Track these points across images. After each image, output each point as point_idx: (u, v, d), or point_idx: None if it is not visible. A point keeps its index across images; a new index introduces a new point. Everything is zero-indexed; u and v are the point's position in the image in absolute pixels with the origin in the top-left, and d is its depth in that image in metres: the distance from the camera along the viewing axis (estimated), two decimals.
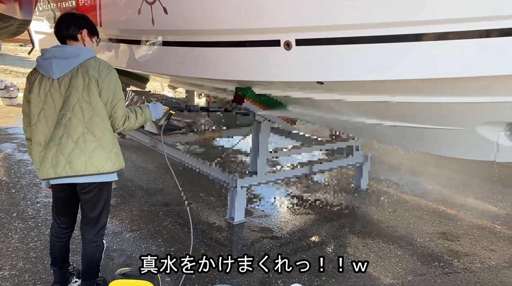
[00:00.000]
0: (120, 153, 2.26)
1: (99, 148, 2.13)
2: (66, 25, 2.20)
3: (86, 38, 2.25)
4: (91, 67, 2.11)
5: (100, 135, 2.12)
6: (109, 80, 2.13)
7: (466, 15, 1.96)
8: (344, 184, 4.75)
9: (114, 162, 2.19)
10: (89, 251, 2.31)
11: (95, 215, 2.27)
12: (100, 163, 2.14)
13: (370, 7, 2.13)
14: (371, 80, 2.44)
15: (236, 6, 2.66)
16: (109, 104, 2.14)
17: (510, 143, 2.48)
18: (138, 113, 2.28)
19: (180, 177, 4.68)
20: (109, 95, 2.13)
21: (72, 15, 2.31)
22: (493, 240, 3.47)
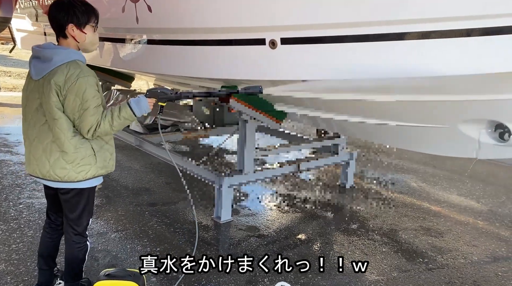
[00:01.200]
0: (93, 161, 2.10)
1: (60, 159, 2.05)
2: (51, 20, 2.08)
3: (76, 32, 2.04)
4: (58, 74, 1.98)
5: (61, 146, 2.03)
6: (76, 88, 1.97)
7: (445, 14, 1.99)
8: (330, 181, 4.79)
9: (78, 172, 2.07)
10: (71, 252, 2.27)
11: (74, 216, 2.21)
12: (61, 172, 2.06)
13: (352, 7, 2.14)
14: (355, 79, 2.46)
15: (221, 4, 2.65)
16: (76, 113, 2.00)
17: (491, 140, 2.52)
18: (115, 116, 2.04)
19: (166, 175, 4.66)
20: (76, 104, 1.98)
21: (57, 4, 2.08)
22: (475, 236, 3.53)
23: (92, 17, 2.10)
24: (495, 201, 4.34)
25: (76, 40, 2.09)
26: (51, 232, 2.38)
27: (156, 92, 2.20)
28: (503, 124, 2.43)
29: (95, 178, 2.15)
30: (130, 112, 2.07)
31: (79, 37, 2.07)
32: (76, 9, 2.05)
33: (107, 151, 2.18)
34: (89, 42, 2.13)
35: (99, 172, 2.14)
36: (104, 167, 2.16)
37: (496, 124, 2.48)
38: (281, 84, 2.88)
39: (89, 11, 2.09)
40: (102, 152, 2.15)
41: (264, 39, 2.55)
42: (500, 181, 4.91)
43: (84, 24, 2.06)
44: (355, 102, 2.83)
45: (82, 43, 2.11)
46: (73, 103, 1.98)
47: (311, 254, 3.14)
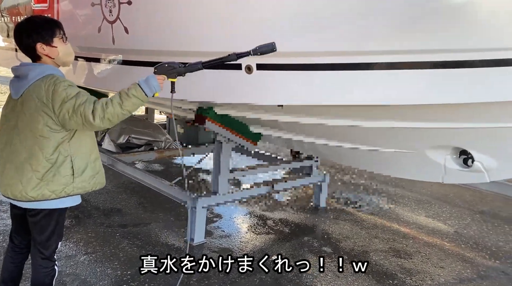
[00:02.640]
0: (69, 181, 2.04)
1: (34, 178, 1.99)
2: (19, 46, 2.07)
3: (46, 49, 2.03)
4: (37, 90, 1.96)
5: (37, 165, 1.98)
6: (60, 95, 1.93)
7: (414, 47, 2.10)
8: (304, 202, 4.84)
9: (53, 190, 2.01)
10: (38, 277, 2.20)
11: (42, 239, 2.14)
12: (34, 192, 2.00)
13: (324, 37, 2.23)
14: (327, 105, 2.55)
15: (198, 29, 2.70)
16: (75, 115, 1.92)
17: (456, 166, 2.64)
18: (123, 95, 1.93)
19: (137, 195, 4.59)
20: (68, 108, 1.92)
21: (21, 27, 2.05)
22: (442, 257, 3.64)
23: (56, 30, 2.08)
24: (461, 222, 4.49)
25: (50, 57, 2.07)
26: (14, 256, 2.29)
27: (164, 67, 2.08)
28: (467, 151, 2.56)
29: (70, 196, 2.08)
30: (141, 91, 1.96)
31: (52, 53, 2.06)
32: (38, 27, 2.04)
33: (91, 170, 2.11)
34: (64, 55, 2.11)
35: (75, 191, 2.07)
36: (82, 187, 2.08)
37: (460, 151, 2.60)
38: (258, 108, 2.94)
39: (51, 25, 2.08)
40: (86, 171, 2.08)
41: (240, 64, 2.61)
42: (465, 203, 5.10)
43: (51, 38, 2.04)
44: (328, 126, 2.91)
45: (57, 58, 2.09)
46: (66, 106, 1.91)
47: (284, 277, 3.15)
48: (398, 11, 2.07)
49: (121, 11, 3.03)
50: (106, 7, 3.16)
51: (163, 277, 3.01)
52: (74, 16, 3.74)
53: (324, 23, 2.22)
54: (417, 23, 2.07)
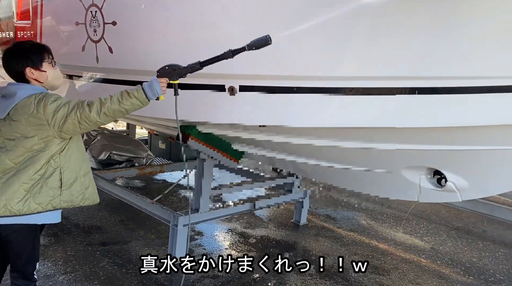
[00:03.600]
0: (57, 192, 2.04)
1: (21, 190, 1.98)
2: (8, 71, 2.09)
3: (36, 73, 2.06)
4: (27, 106, 1.97)
5: (26, 177, 1.98)
6: (50, 109, 1.96)
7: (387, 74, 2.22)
8: (285, 219, 4.88)
9: (39, 202, 2.01)
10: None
11: (20, 263, 2.13)
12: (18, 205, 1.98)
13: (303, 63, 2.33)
14: (308, 126, 2.63)
15: (182, 50, 2.76)
16: (69, 119, 1.94)
17: (430, 185, 2.75)
18: (124, 94, 1.97)
19: (118, 212, 4.55)
20: (61, 115, 1.94)
21: (9, 52, 2.10)
22: (419, 274, 3.73)
23: (45, 54, 2.11)
24: (437, 239, 4.62)
25: (39, 81, 2.09)
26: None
27: (165, 70, 2.12)
28: (440, 171, 2.67)
29: (52, 211, 2.06)
30: (142, 93, 2.01)
31: (41, 77, 2.09)
32: (26, 52, 2.08)
33: (80, 184, 2.11)
34: (52, 78, 2.14)
35: (61, 204, 2.06)
36: (69, 200, 2.08)
37: (434, 171, 2.72)
38: (240, 128, 3.00)
39: (40, 49, 2.11)
40: (74, 184, 2.09)
41: (224, 85, 2.68)
42: (442, 220, 5.24)
43: (40, 63, 2.08)
44: (309, 146, 2.99)
45: (46, 82, 2.12)
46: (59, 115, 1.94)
47: None
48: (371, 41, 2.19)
49: (106, 31, 3.08)
50: (90, 27, 3.20)
51: None
52: (58, 34, 3.76)
53: (302, 49, 2.32)
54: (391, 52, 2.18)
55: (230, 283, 3.33)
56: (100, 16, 3.09)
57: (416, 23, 2.12)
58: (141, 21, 2.89)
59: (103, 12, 3.06)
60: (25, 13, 4.09)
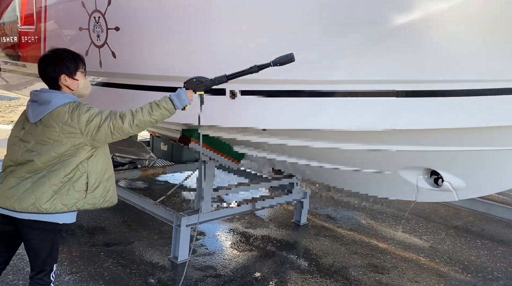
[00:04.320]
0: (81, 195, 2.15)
1: (49, 190, 2.10)
2: (42, 76, 2.19)
3: (68, 81, 2.17)
4: (61, 114, 2.07)
5: (55, 179, 2.09)
6: (84, 119, 2.06)
7: (382, 77, 2.28)
8: (285, 219, 4.95)
9: (65, 203, 2.12)
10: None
11: (37, 263, 2.21)
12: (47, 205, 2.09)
13: (300, 67, 2.40)
14: (307, 129, 2.70)
15: (184, 55, 2.83)
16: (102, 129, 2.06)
17: (427, 185, 2.82)
18: (154, 106, 2.11)
19: (121, 213, 4.62)
20: (95, 125, 2.05)
21: (47, 58, 2.21)
22: (418, 272, 3.80)
23: (80, 64, 2.24)
24: (436, 237, 4.68)
25: (70, 89, 2.20)
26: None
27: (193, 82, 2.27)
28: (436, 172, 2.74)
29: (71, 212, 2.17)
30: (171, 104, 2.15)
31: (72, 85, 2.20)
32: (64, 60, 2.19)
33: (103, 188, 2.22)
34: (82, 88, 2.25)
35: (85, 206, 2.18)
36: (92, 203, 2.20)
37: (431, 171, 2.78)
38: (241, 131, 3.07)
39: (76, 59, 2.23)
40: (98, 188, 2.19)
41: (225, 89, 2.74)
42: (440, 218, 5.30)
43: (75, 71, 2.20)
44: (309, 148, 3.06)
45: (76, 90, 2.23)
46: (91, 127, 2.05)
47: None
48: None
49: (109, 37, 3.15)
50: (94, 32, 3.27)
51: None
52: (61, 39, 3.83)
53: (302, 53, 2.38)
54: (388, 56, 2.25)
55: (232, 282, 3.39)
56: (103, 21, 3.16)
57: (414, 25, 2.18)
58: (143, 27, 2.96)
59: (106, 18, 3.13)
60: (29, 18, 4.16)
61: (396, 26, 2.16)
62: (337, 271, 3.70)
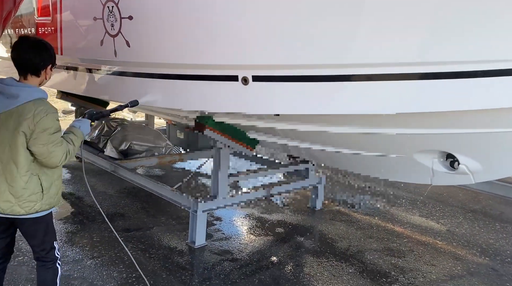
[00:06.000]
0: (40, 196, 2.18)
1: (7, 192, 2.13)
2: (33, 56, 2.14)
3: (48, 73, 2.23)
4: (26, 111, 2.07)
5: (11, 181, 2.12)
6: (44, 123, 2.08)
7: (398, 60, 2.26)
8: (301, 204, 4.98)
9: (22, 207, 2.15)
10: (41, 275, 2.36)
11: (36, 242, 2.31)
12: (4, 205, 2.13)
13: (316, 51, 2.39)
14: (322, 113, 2.70)
15: (197, 43, 2.85)
16: (42, 148, 2.09)
17: (443, 168, 2.79)
18: (75, 141, 2.28)
19: (140, 200, 4.73)
20: (44, 140, 2.09)
21: (40, 43, 2.21)
22: (434, 255, 3.79)
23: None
24: (453, 221, 4.64)
25: (45, 79, 2.25)
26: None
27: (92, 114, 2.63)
28: (452, 155, 2.71)
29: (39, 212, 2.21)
30: (81, 134, 2.38)
31: (47, 77, 2.26)
32: (52, 52, 2.25)
33: (55, 187, 2.27)
34: (48, 81, 2.33)
35: (43, 207, 2.21)
36: (49, 203, 2.25)
37: (447, 154, 2.75)
38: (254, 117, 3.08)
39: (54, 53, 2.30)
40: (51, 188, 2.24)
41: (237, 76, 2.75)
42: (458, 202, 5.25)
43: (54, 65, 2.29)
44: (324, 133, 3.06)
45: (43, 82, 2.27)
46: (41, 138, 2.08)
47: (283, 276, 3.29)
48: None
49: (123, 26, 3.18)
50: (108, 22, 3.31)
51: (166, 279, 3.16)
52: (77, 29, 3.89)
53: (315, 38, 2.37)
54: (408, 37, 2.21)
55: (249, 265, 3.45)
56: (117, 11, 3.19)
57: (424, 7, 2.14)
58: (156, 15, 2.98)
59: (119, 7, 3.17)
60: (45, 9, 4.23)
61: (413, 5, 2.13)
62: (353, 255, 3.72)
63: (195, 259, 3.54)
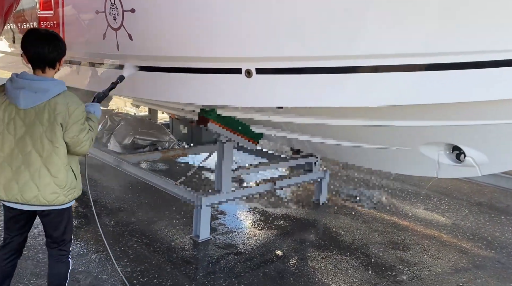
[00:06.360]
0: (76, 184, 2.27)
1: (52, 184, 2.16)
2: (49, 49, 2.16)
3: (62, 64, 2.28)
4: (59, 105, 2.12)
5: (55, 173, 2.16)
6: (76, 116, 2.16)
7: (403, 51, 2.22)
8: (305, 198, 4.97)
9: (66, 196, 2.21)
10: (54, 268, 2.37)
11: (57, 234, 2.33)
12: (51, 197, 2.17)
13: (318, 43, 2.35)
14: (325, 106, 2.67)
15: (200, 35, 2.82)
16: (76, 138, 2.17)
17: (449, 161, 2.76)
18: (94, 127, 2.34)
19: (143, 194, 4.73)
20: (77, 129, 2.17)
21: (54, 36, 2.24)
22: (440, 249, 3.77)
23: None
24: (459, 214, 4.62)
25: (58, 70, 2.28)
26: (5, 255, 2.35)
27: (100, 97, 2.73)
28: (459, 147, 2.68)
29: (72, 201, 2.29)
30: (96, 118, 2.42)
31: (59, 69, 2.29)
32: (63, 44, 2.26)
33: (79, 174, 2.34)
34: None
35: (78, 193, 2.31)
36: (80, 188, 2.33)
37: (453, 147, 2.72)
38: (258, 110, 3.06)
39: None
40: (79, 176, 2.31)
41: (240, 68, 2.73)
42: (463, 195, 5.22)
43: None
44: (327, 126, 3.03)
45: (56, 74, 2.30)
46: (74, 129, 2.17)
47: (287, 270, 3.28)
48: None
49: (125, 19, 3.15)
50: (110, 15, 3.28)
51: (171, 273, 3.16)
52: (79, 23, 3.86)
53: (317, 29, 2.34)
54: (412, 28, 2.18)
55: (253, 259, 3.45)
56: (119, 3, 3.16)
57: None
58: (158, 8, 2.95)
59: (121, 0, 3.14)
60: (47, 3, 4.20)
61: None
62: (358, 248, 3.70)
63: (200, 253, 3.54)
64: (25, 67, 2.43)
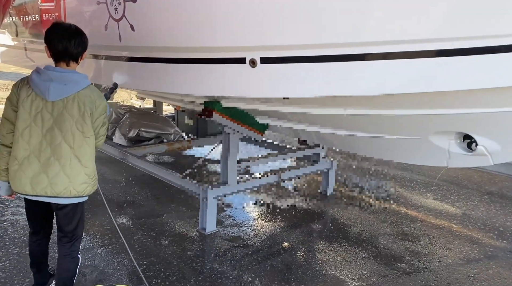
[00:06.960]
0: (96, 174, 2.35)
1: (83, 174, 2.22)
2: (75, 44, 2.20)
3: (84, 57, 2.31)
4: (87, 97, 2.19)
5: (86, 162, 2.22)
6: (101, 109, 2.26)
7: (411, 37, 2.14)
8: (312, 189, 4.91)
9: (93, 186, 2.32)
10: (64, 264, 2.38)
11: (70, 228, 2.36)
12: (81, 187, 2.24)
13: (325, 30, 2.28)
14: (332, 96, 2.60)
15: (203, 25, 2.75)
16: (97, 130, 2.28)
17: (460, 150, 2.69)
18: (107, 121, 2.41)
19: (149, 187, 4.70)
20: (100, 123, 2.28)
21: (79, 31, 2.27)
22: (450, 239, 3.71)
23: None
24: (469, 204, 4.54)
25: (78, 64, 2.31)
26: (36, 241, 2.50)
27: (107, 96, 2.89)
28: (470, 135, 2.60)
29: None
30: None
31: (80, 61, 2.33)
32: (86, 38, 2.31)
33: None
34: None
35: (96, 186, 2.39)
36: (97, 179, 2.39)
37: (464, 135, 2.65)
38: (263, 101, 2.99)
39: None
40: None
41: (245, 58, 2.66)
42: (474, 185, 5.13)
43: None
44: (334, 116, 2.97)
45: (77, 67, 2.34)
46: (98, 121, 2.27)
47: (295, 262, 3.25)
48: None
49: (126, 9, 3.09)
50: (111, 5, 3.22)
51: (177, 266, 3.13)
52: (81, 15, 3.80)
53: (324, 16, 2.26)
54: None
55: (260, 251, 3.41)
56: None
57: None
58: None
59: None
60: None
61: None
62: (366, 240, 3.65)
63: (206, 245, 3.51)
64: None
